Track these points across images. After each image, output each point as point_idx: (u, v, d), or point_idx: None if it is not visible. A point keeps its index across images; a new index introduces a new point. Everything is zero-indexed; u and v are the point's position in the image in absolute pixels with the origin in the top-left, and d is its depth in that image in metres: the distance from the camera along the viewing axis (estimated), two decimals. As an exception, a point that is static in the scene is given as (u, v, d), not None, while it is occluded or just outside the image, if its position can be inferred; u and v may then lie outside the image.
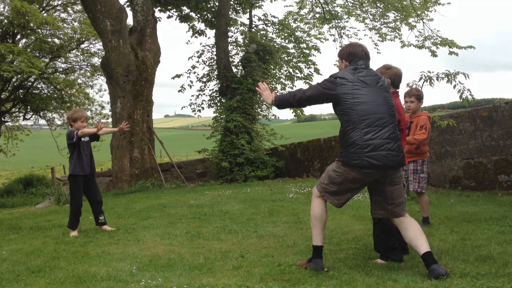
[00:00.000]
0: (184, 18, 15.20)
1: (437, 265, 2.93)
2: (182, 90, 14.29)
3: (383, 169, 3.08)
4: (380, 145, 3.05)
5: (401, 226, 3.21)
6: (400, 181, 3.25)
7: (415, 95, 4.74)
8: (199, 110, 14.38)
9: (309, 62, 14.13)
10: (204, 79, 14.28)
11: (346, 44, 3.95)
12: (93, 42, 20.00)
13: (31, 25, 17.48)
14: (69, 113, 5.52)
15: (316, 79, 14.47)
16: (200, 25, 15.37)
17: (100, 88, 26.73)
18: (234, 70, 13.63)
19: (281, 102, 3.46)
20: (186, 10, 14.99)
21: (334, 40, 15.94)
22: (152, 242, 4.47)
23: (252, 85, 12.61)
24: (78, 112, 5.37)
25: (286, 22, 15.18)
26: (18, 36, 19.24)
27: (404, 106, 4.55)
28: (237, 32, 14.76)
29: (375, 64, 3.53)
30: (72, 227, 5.25)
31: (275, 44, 14.02)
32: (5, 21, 17.99)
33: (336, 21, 15.39)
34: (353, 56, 3.30)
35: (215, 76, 14.02)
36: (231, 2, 14.17)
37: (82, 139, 5.24)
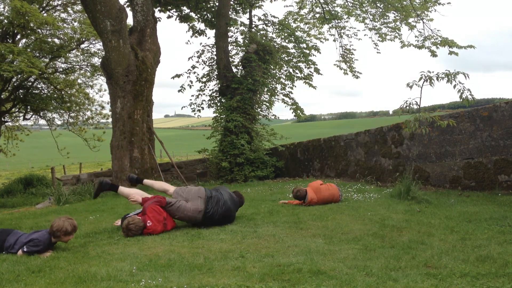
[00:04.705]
0: (184, 18, 15.20)
1: None
2: (182, 90, 14.29)
3: None
4: None
5: None
6: None
7: None
8: (199, 110, 14.38)
9: (309, 62, 14.14)
10: (204, 79, 14.29)
11: None
12: (93, 42, 20.01)
13: (31, 25, 17.47)
14: (62, 225, 4.16)
15: (316, 79, 14.51)
16: (200, 25, 15.40)
17: (100, 88, 26.72)
18: (234, 70, 13.62)
19: None
20: (186, 10, 15.00)
21: (334, 40, 16.01)
22: (152, 242, 4.46)
23: (252, 85, 12.61)
24: (74, 224, 4.25)
25: (286, 22, 15.19)
26: (18, 36, 19.22)
27: None
28: (237, 32, 14.80)
29: (375, 63, 3.51)
30: None
31: (275, 44, 14.01)
32: (5, 21, 17.98)
33: (336, 21, 15.41)
34: None
35: (215, 76, 14.02)
36: (231, 2, 14.16)
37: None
